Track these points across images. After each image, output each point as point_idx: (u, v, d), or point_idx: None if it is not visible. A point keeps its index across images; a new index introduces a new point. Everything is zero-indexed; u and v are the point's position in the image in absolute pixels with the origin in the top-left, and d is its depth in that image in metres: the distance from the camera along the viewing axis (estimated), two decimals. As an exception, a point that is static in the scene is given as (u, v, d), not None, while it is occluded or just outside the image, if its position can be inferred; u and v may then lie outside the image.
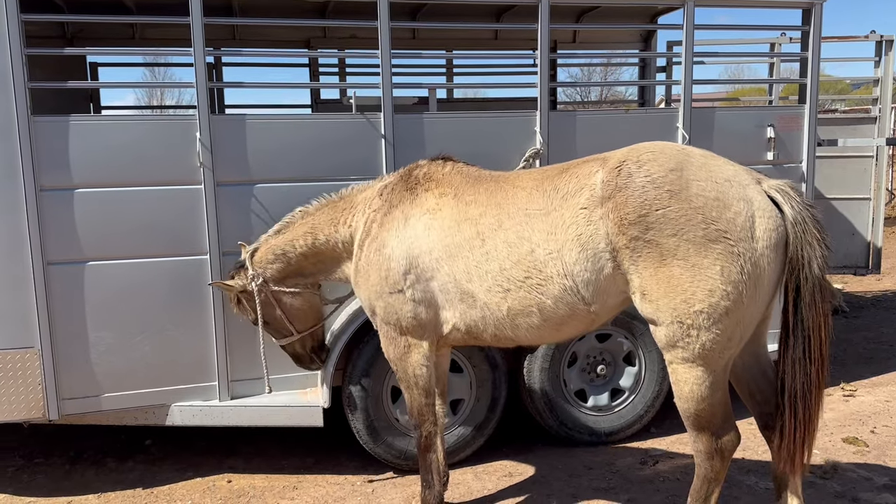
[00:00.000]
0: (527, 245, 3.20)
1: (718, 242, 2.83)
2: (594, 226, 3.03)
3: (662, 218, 2.88)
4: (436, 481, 3.82)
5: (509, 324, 3.34)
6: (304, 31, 6.60)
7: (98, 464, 4.85)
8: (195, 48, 4.18)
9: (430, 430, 3.76)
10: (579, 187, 3.13)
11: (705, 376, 2.98)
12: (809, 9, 5.10)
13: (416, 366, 3.65)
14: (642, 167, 2.99)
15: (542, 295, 3.19)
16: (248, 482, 4.53)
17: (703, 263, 2.84)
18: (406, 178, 3.76)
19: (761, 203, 2.91)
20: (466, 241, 3.37)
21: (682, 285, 2.88)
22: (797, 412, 3.02)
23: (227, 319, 4.36)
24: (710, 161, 3.04)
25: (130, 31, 6.33)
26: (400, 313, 3.56)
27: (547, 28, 4.64)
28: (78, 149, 4.09)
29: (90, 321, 4.21)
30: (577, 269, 3.08)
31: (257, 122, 4.37)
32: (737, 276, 2.83)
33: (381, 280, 3.57)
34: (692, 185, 2.91)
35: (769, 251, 2.87)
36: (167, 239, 4.25)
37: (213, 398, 4.43)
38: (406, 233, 3.53)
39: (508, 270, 3.24)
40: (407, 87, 6.19)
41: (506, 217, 3.30)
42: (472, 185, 3.54)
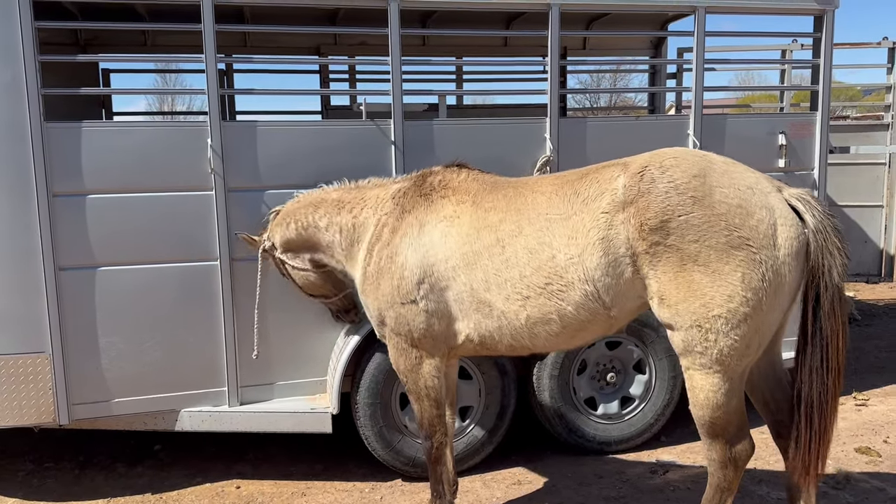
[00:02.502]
0: (547, 251, 3.16)
1: (741, 249, 2.83)
2: (615, 230, 3.01)
3: (685, 224, 2.88)
4: (446, 491, 3.78)
5: (527, 332, 3.29)
6: (315, 38, 6.63)
7: (107, 469, 4.86)
8: (206, 55, 4.20)
9: (440, 440, 3.71)
10: (601, 192, 3.10)
11: (722, 383, 2.96)
12: (821, 16, 5.08)
13: (427, 377, 3.60)
14: (665, 172, 2.98)
15: (563, 301, 3.15)
16: (257, 488, 4.53)
17: (725, 270, 2.84)
18: (420, 184, 3.70)
19: (783, 211, 2.91)
20: (486, 248, 3.31)
21: (701, 290, 2.87)
22: (812, 422, 3.00)
23: (237, 325, 4.37)
24: (731, 168, 3.04)
25: (142, 38, 6.38)
26: (412, 324, 3.50)
27: (557, 34, 4.64)
28: (90, 155, 4.11)
29: (101, 326, 4.23)
30: (599, 274, 3.05)
31: (268, 128, 4.38)
32: (758, 283, 2.83)
33: (392, 289, 3.51)
34: (715, 192, 2.90)
35: (790, 259, 2.88)
36: (178, 245, 4.27)
37: (222, 404, 4.44)
38: (421, 240, 3.47)
39: (529, 277, 3.20)
40: (417, 94, 6.19)
41: (526, 223, 3.26)
42: (491, 192, 3.49)
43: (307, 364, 4.56)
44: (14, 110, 3.94)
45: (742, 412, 3.08)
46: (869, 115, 9.32)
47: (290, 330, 4.48)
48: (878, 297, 8.85)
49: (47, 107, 4.07)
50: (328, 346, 4.56)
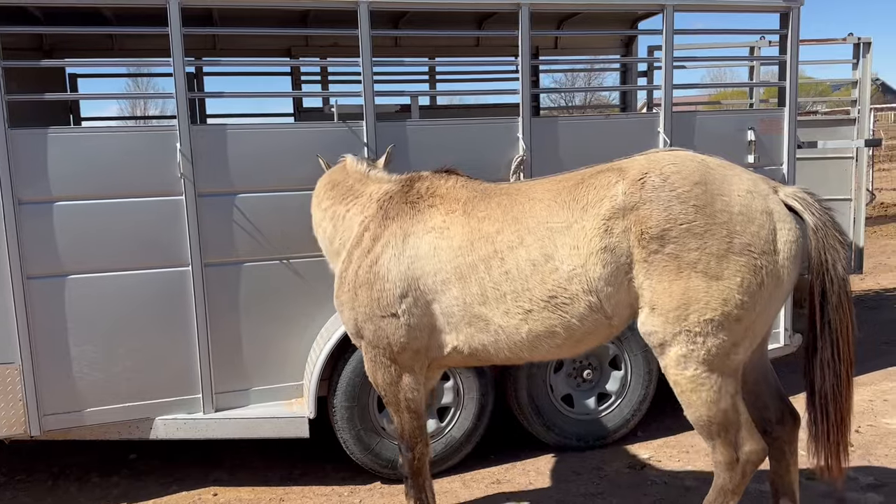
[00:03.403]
0: (552, 262, 3.06)
1: (743, 255, 2.85)
2: (616, 238, 2.97)
3: (686, 233, 2.87)
4: (430, 498, 3.70)
5: (528, 346, 3.19)
6: (286, 40, 6.58)
7: (82, 479, 4.78)
8: (174, 58, 4.16)
9: (422, 451, 3.61)
10: (599, 198, 3.04)
11: (710, 381, 2.95)
12: (787, 13, 5.15)
13: (407, 390, 3.49)
14: (667, 180, 2.95)
15: (567, 314, 3.07)
16: (234, 495, 4.49)
17: (724, 275, 2.85)
18: (407, 191, 3.56)
19: (782, 214, 2.94)
20: (482, 260, 3.18)
21: (696, 295, 2.87)
22: (829, 414, 3.00)
23: (211, 331, 4.32)
24: (730, 172, 3.03)
25: (109, 42, 6.29)
26: (392, 338, 3.37)
27: (528, 34, 4.65)
28: (56, 161, 4.05)
29: (72, 335, 4.17)
30: (602, 285, 3.00)
31: (238, 131, 4.35)
32: (755, 287, 2.85)
33: (371, 301, 3.37)
34: (717, 200, 2.90)
35: (789, 262, 2.90)
36: (149, 251, 4.22)
37: (197, 411, 4.39)
38: (406, 252, 3.33)
39: (531, 290, 3.09)
40: (389, 95, 6.17)
41: (526, 233, 3.14)
42: (483, 200, 3.35)
43: (283, 369, 4.53)
44: (-23, 117, 3.87)
45: (741, 412, 3.04)
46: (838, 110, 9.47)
47: (265, 334, 4.45)
48: (849, 289, 8.98)
49: (12, 113, 4.00)
50: (304, 349, 4.53)
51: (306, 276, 4.45)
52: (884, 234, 12.49)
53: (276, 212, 4.35)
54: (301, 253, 4.41)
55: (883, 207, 14.82)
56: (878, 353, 6.55)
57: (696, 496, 4.18)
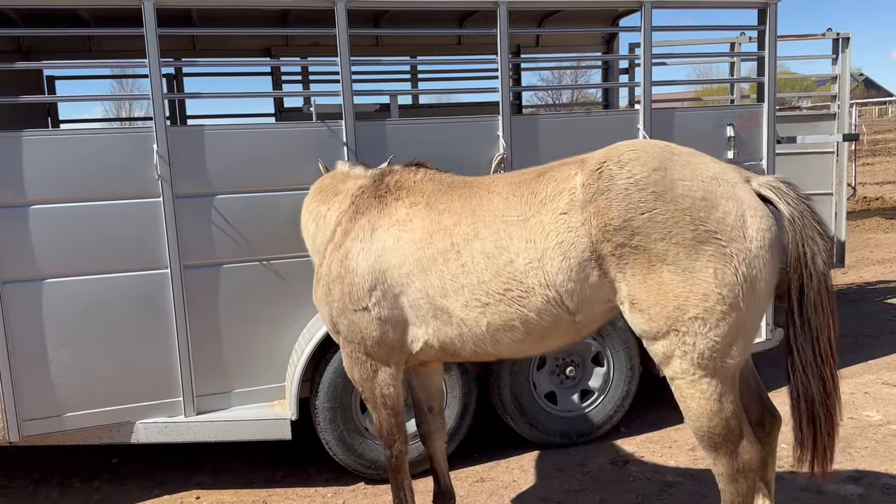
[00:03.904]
0: (505, 255, 2.99)
1: (709, 244, 2.67)
2: (575, 232, 2.84)
3: (649, 222, 2.71)
4: (408, 498, 3.68)
5: (490, 339, 3.13)
6: (266, 40, 6.56)
7: (63, 484, 4.75)
8: (150, 59, 4.12)
9: (400, 449, 3.57)
10: (558, 191, 2.94)
11: (710, 389, 2.76)
12: (765, 8, 5.18)
13: (383, 386, 3.46)
14: (624, 168, 2.81)
15: (524, 308, 2.99)
16: (217, 498, 4.46)
17: (695, 267, 2.68)
18: (377, 185, 3.56)
19: (752, 202, 2.74)
20: (440, 253, 3.14)
21: (674, 291, 2.71)
22: (817, 420, 2.79)
23: (191, 334, 4.30)
24: (694, 159, 2.86)
25: (87, 44, 6.25)
26: (365, 332, 3.36)
27: (506, 32, 4.64)
28: (32, 164, 4.01)
29: (49, 340, 4.13)
30: (560, 280, 2.88)
31: (215, 132, 4.33)
32: (731, 278, 2.66)
33: (343, 296, 3.36)
34: (678, 186, 2.73)
35: (764, 252, 2.69)
36: (126, 253, 4.19)
37: (178, 414, 4.37)
38: (372, 245, 3.32)
39: (487, 283, 3.03)
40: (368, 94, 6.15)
41: (482, 225, 3.09)
42: (445, 193, 3.32)
43: (265, 370, 4.50)
44: (-51, 121, 3.84)
45: (740, 418, 2.86)
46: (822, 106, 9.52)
47: (246, 336, 4.43)
48: (832, 282, 9.04)
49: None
50: (286, 351, 4.51)
51: (287, 278, 4.43)
52: (866, 227, 12.59)
53: (255, 213, 4.33)
54: (281, 254, 4.39)
55: (865, 201, 14.95)
56: (859, 346, 6.60)
57: (679, 491, 4.20)
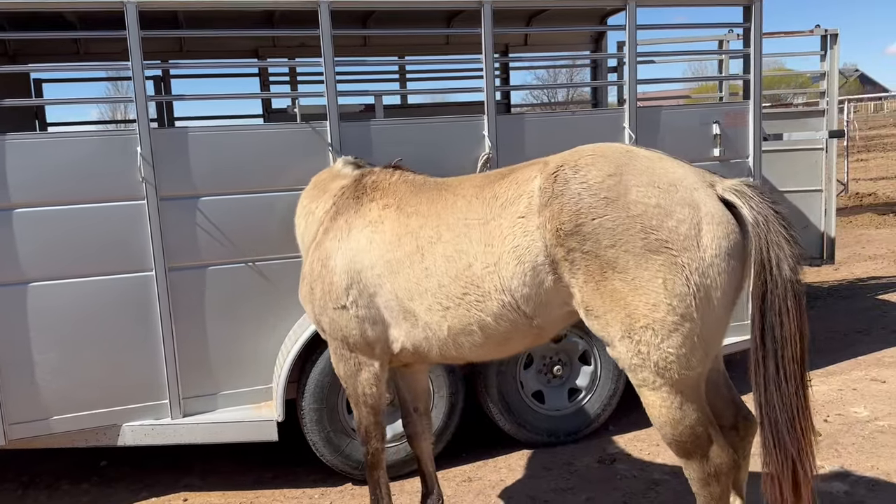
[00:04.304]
0: (465, 259, 2.97)
1: (660, 253, 2.58)
2: (531, 237, 2.80)
3: (599, 227, 2.65)
4: (384, 495, 3.68)
5: (452, 343, 3.13)
6: (253, 41, 6.55)
7: (52, 487, 4.75)
8: (133, 62, 4.11)
9: (376, 447, 3.61)
10: (518, 195, 2.91)
11: (672, 397, 2.70)
12: (750, 6, 5.18)
13: (365, 384, 3.48)
14: (579, 172, 2.76)
15: (482, 312, 2.96)
16: (205, 500, 4.47)
17: (645, 276, 2.60)
18: (356, 185, 3.59)
19: (711, 208, 2.63)
20: (407, 256, 3.15)
21: (624, 299, 2.64)
22: (783, 444, 2.60)
23: (177, 336, 4.30)
24: (655, 164, 2.77)
25: (75, 47, 6.24)
26: (346, 330, 3.38)
27: (490, 32, 4.65)
28: (16, 167, 4.00)
29: (35, 343, 4.12)
30: (515, 284, 2.85)
31: (199, 134, 4.32)
32: (682, 288, 2.56)
33: (324, 294, 3.40)
34: (631, 191, 2.66)
35: (719, 260, 2.59)
36: (112, 256, 4.18)
37: (165, 416, 4.36)
38: (348, 245, 3.35)
39: (447, 287, 3.02)
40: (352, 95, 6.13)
41: (445, 229, 3.08)
42: (415, 195, 3.33)
43: (252, 372, 4.50)
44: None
45: (707, 424, 2.78)
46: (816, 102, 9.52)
47: (232, 338, 4.42)
48: (823, 279, 9.07)
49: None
50: (272, 352, 4.51)
51: (272, 279, 4.43)
52: (859, 223, 12.60)
53: (240, 214, 4.33)
54: (267, 255, 4.39)
55: (858, 197, 14.97)
56: (848, 343, 6.61)
57: (665, 489, 4.20)
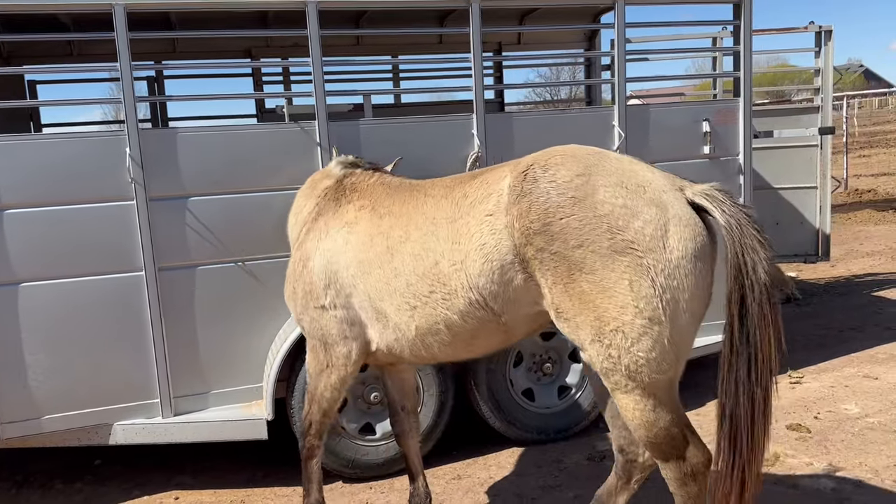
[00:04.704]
0: (431, 257, 3.00)
1: (626, 254, 2.58)
2: (499, 235, 2.81)
3: (566, 227, 2.65)
4: (314, 490, 3.69)
5: (421, 343, 3.15)
6: (246, 41, 6.57)
7: (45, 486, 4.78)
8: (121, 63, 4.14)
9: (313, 443, 3.63)
10: (487, 193, 2.92)
11: (645, 400, 2.69)
12: (739, 3, 5.20)
13: (327, 387, 3.51)
14: (548, 171, 2.77)
15: (448, 310, 2.98)
16: (196, 498, 4.49)
17: (611, 277, 2.59)
18: (337, 187, 3.63)
19: (678, 210, 2.63)
20: (377, 256, 3.19)
21: (593, 301, 2.63)
22: (738, 444, 2.63)
23: (167, 335, 4.32)
24: (625, 166, 2.78)
25: (69, 48, 6.27)
26: (325, 329, 3.41)
27: (479, 31, 4.66)
28: (6, 169, 4.03)
29: (26, 344, 4.15)
30: (483, 282, 2.86)
31: (188, 134, 4.34)
32: (648, 290, 2.56)
33: (305, 294, 3.44)
34: (599, 191, 2.66)
35: (686, 262, 2.58)
36: (101, 257, 4.20)
37: (156, 415, 4.39)
38: (326, 245, 3.39)
39: (414, 286, 3.05)
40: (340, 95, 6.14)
41: (413, 228, 3.11)
42: (390, 196, 3.37)
43: (242, 371, 4.52)
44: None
45: (682, 425, 2.78)
46: None
47: (223, 338, 4.45)
48: (820, 276, 9.06)
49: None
50: (263, 352, 4.53)
51: (262, 279, 4.45)
52: (858, 220, 12.58)
53: (229, 214, 4.35)
54: (256, 255, 4.42)
55: (857, 193, 14.94)
56: (842, 339, 6.61)
57: (653, 484, 4.19)
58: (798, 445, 4.55)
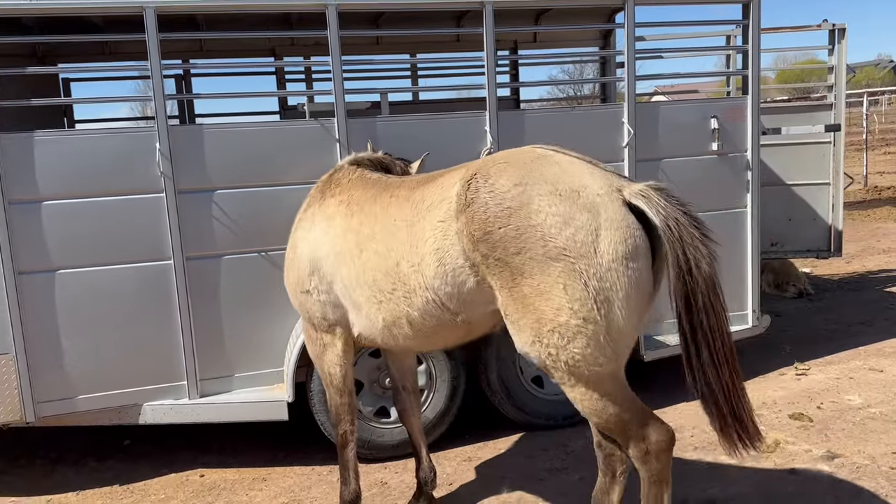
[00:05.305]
0: (393, 257, 3.20)
1: (559, 260, 2.69)
2: (451, 240, 2.95)
3: (505, 236, 2.77)
4: (352, 478, 3.88)
5: (388, 334, 3.38)
6: (271, 40, 6.80)
7: (78, 464, 5.05)
8: (151, 62, 4.38)
9: (346, 428, 3.82)
10: (441, 199, 3.07)
11: (589, 392, 2.81)
12: (748, 3, 5.33)
13: (329, 365, 3.73)
14: (488, 181, 2.89)
15: (409, 307, 3.18)
16: (220, 476, 4.74)
17: (548, 282, 2.71)
18: (327, 180, 3.86)
19: (611, 213, 2.71)
20: (349, 251, 3.42)
21: (533, 304, 2.76)
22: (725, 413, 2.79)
23: (194, 321, 4.57)
24: (564, 169, 2.84)
25: (101, 47, 6.54)
26: (311, 312, 3.67)
27: (492, 30, 4.84)
28: (44, 163, 4.29)
29: (62, 327, 4.42)
30: (438, 283, 3.03)
31: (214, 131, 4.58)
32: (581, 293, 2.67)
33: (295, 279, 3.71)
34: (534, 201, 2.76)
35: (617, 265, 2.67)
36: (133, 246, 4.46)
37: (183, 397, 4.64)
38: (311, 235, 3.65)
39: (379, 282, 3.27)
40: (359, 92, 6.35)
41: (379, 228, 3.31)
42: (364, 193, 3.56)
43: (264, 356, 4.76)
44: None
45: (635, 409, 2.88)
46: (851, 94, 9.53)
47: (246, 324, 4.68)
48: (834, 272, 9.12)
49: (3, 118, 4.24)
50: (284, 337, 4.76)
51: (283, 268, 4.66)
52: (876, 217, 12.53)
53: (253, 206, 4.58)
54: (278, 245, 4.62)
55: (877, 190, 14.86)
56: (851, 334, 6.70)
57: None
58: (799, 433, 4.68)
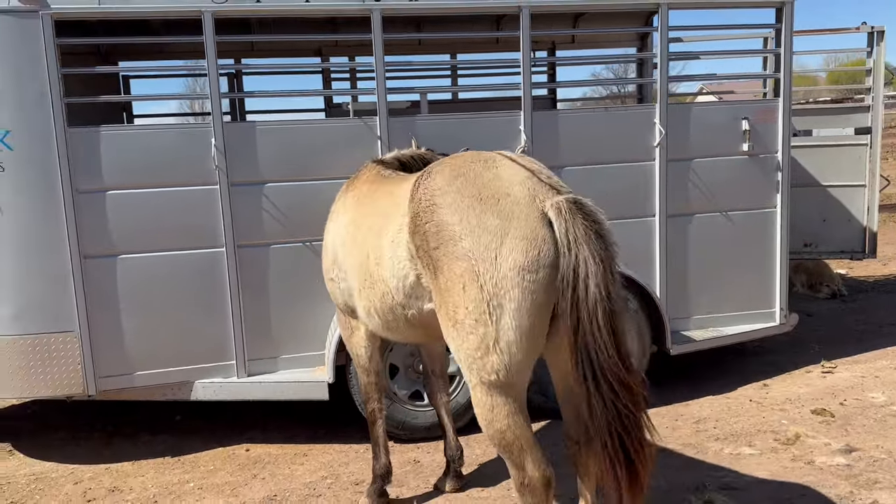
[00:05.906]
0: (365, 248, 3.46)
1: (463, 260, 2.75)
2: (402, 233, 3.13)
3: (428, 231, 2.89)
4: (382, 453, 4.14)
5: (370, 323, 3.66)
6: (317, 41, 7.10)
7: (133, 437, 5.42)
8: (208, 63, 4.71)
9: (374, 406, 4.14)
10: (405, 194, 3.21)
11: (484, 398, 2.81)
12: (781, 7, 5.45)
13: (356, 346, 4.08)
14: (427, 179, 3.05)
15: (374, 297, 3.43)
16: (265, 450, 5.05)
17: (452, 279, 2.79)
18: (353, 177, 4.13)
19: (522, 224, 2.70)
20: (350, 241, 3.69)
21: (443, 298, 2.86)
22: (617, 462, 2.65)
23: (243, 305, 4.89)
24: (495, 174, 2.88)
25: (159, 47, 6.92)
26: (336, 298, 4.01)
27: (528, 33, 5.05)
28: (108, 155, 4.65)
29: (122, 308, 4.78)
30: (388, 275, 3.25)
31: (264, 128, 4.89)
32: (476, 294, 2.70)
33: (324, 267, 4.06)
34: (457, 201, 2.84)
35: (513, 274, 2.66)
36: (188, 234, 4.80)
37: (232, 376, 4.97)
38: (333, 227, 3.98)
39: (359, 271, 3.53)
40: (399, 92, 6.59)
41: (367, 220, 3.54)
42: (369, 188, 3.78)
43: (308, 339, 5.06)
44: (41, 118, 4.50)
45: (523, 436, 2.83)
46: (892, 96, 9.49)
47: (291, 308, 4.99)
48: (870, 273, 9.10)
49: (71, 113, 4.61)
50: (326, 322, 5.05)
51: (326, 257, 4.97)
52: (918, 220, 12.40)
53: (300, 199, 4.88)
54: (321, 236, 4.88)
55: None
56: (882, 334, 6.74)
57: (677, 460, 4.55)
58: (820, 428, 4.80)
